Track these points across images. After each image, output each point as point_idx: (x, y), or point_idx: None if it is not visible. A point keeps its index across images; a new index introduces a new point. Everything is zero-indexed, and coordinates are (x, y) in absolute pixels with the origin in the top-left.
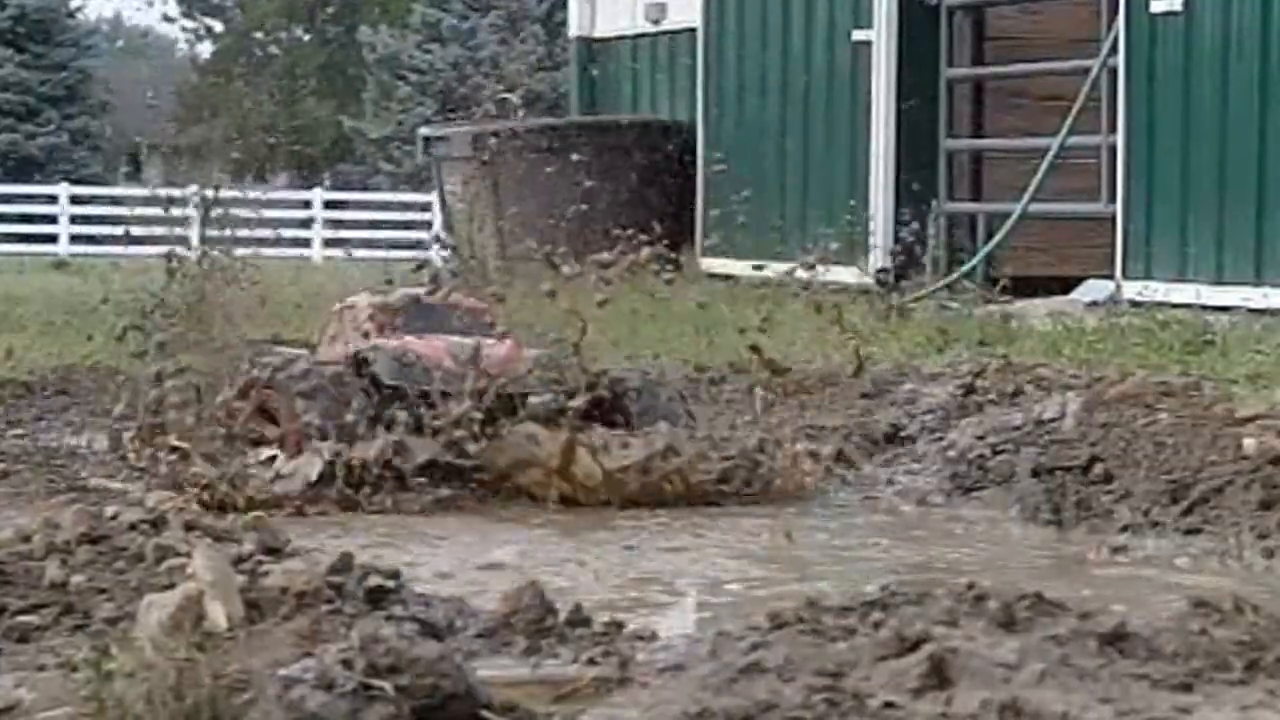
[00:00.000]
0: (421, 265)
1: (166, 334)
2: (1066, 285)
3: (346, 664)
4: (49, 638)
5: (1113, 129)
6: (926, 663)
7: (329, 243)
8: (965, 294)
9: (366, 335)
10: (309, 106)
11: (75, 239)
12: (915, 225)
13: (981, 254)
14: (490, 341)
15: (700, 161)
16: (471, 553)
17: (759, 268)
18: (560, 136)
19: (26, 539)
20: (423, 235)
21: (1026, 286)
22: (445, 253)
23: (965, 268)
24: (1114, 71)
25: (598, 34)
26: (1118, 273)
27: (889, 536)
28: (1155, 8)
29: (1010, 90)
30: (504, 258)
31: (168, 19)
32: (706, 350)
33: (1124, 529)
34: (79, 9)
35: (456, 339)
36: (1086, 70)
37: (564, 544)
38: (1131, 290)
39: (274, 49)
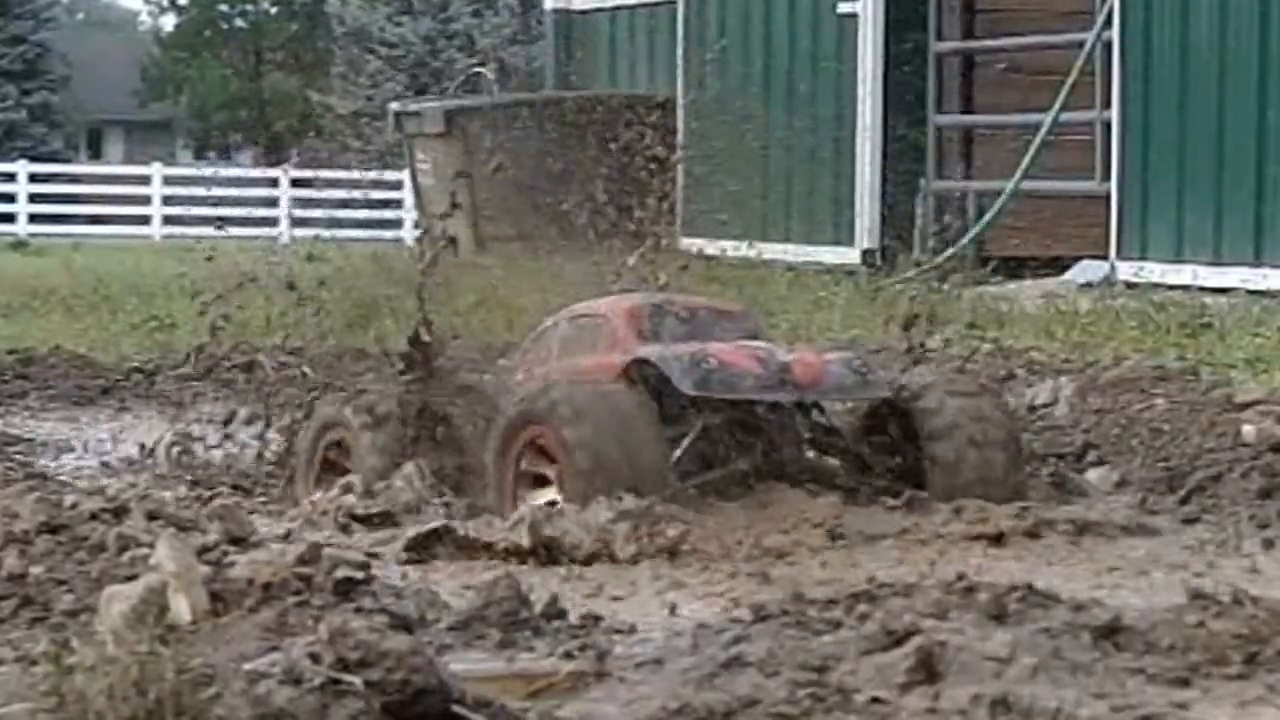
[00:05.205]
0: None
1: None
2: (1059, 266)
3: (314, 658)
4: (7, 630)
5: (1107, 104)
6: (914, 656)
7: (296, 222)
8: (955, 275)
9: (620, 345)
10: (275, 81)
11: (34, 218)
12: (903, 204)
13: (972, 233)
14: (786, 347)
15: (680, 138)
16: None
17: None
18: (536, 112)
19: None
20: (393, 215)
21: (1018, 267)
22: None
23: (955, 248)
24: (1109, 45)
25: (575, 6)
26: (1112, 253)
27: None
28: None
29: (1001, 64)
30: (478, 237)
31: None
32: None
33: None
34: None
35: (752, 344)
36: (1080, 44)
37: None
38: (1126, 271)
39: (240, 22)
